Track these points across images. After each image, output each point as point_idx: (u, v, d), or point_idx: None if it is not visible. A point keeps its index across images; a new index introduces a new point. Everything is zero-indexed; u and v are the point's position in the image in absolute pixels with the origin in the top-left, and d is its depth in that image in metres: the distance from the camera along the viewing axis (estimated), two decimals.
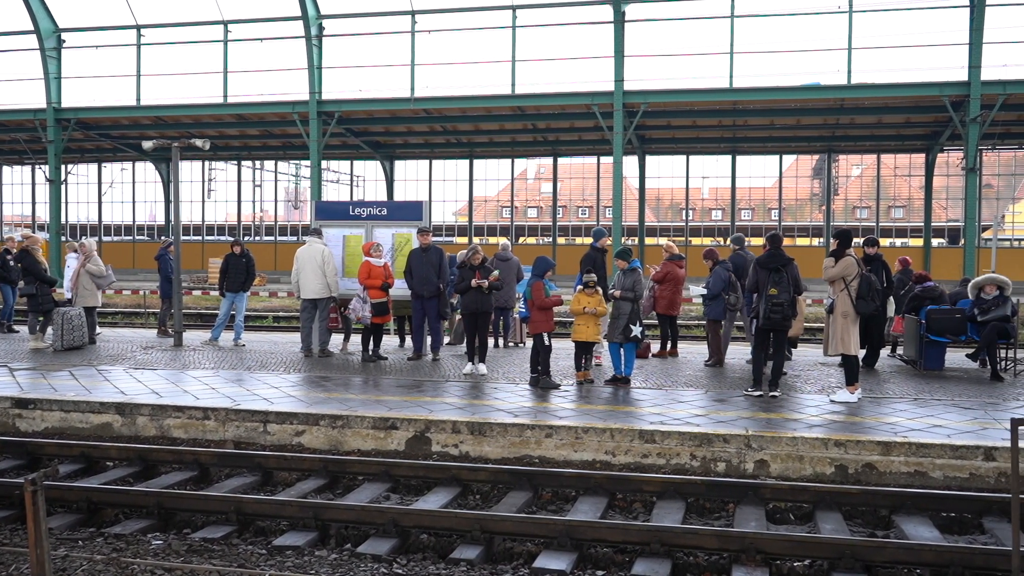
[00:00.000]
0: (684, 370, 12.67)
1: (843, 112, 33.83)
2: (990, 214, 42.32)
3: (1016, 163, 43.52)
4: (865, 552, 6.07)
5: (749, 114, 34.58)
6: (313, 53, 33.47)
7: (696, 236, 46.10)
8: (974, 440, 8.19)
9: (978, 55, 28.96)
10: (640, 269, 11.54)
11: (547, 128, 38.60)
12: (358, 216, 14.77)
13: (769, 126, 36.76)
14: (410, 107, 33.93)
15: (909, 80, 30.52)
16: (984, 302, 12.31)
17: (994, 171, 44.02)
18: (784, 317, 10.30)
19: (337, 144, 40.55)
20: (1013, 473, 4.42)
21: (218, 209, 48.85)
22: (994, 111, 29.04)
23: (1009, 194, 46.73)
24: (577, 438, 8.73)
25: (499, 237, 41.29)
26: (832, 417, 9.30)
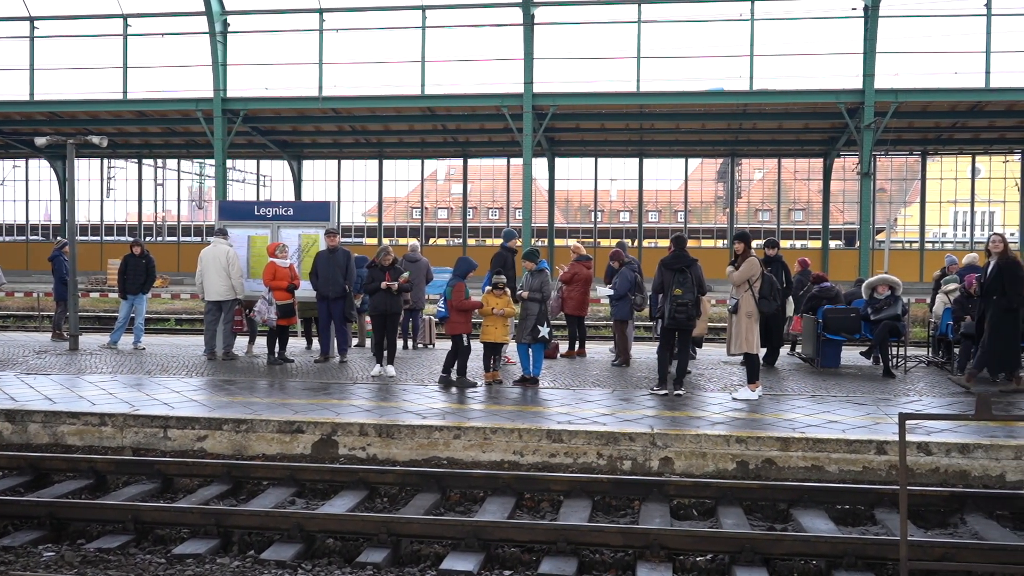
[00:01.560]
0: (592, 370, 12.81)
1: (746, 117, 34.72)
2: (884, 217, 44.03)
3: (908, 168, 45.36)
4: (764, 545, 6.23)
5: (656, 118, 35.18)
6: (218, 50, 32.71)
7: (605, 238, 46.67)
8: (867, 435, 8.50)
9: (872, 64, 30.07)
10: (548, 270, 11.63)
11: (457, 129, 38.58)
12: (264, 216, 14.51)
13: (675, 130, 37.48)
14: (318, 106, 33.47)
15: (808, 87, 31.49)
16: (877, 302, 12.79)
17: (888, 176, 45.78)
18: (688, 317, 10.51)
19: (243, 143, 39.75)
20: (901, 466, 4.60)
21: (118, 208, 47.35)
22: (887, 118, 30.19)
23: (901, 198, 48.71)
24: (486, 439, 8.75)
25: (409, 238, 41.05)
26: (734, 415, 9.54)
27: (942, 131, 37.11)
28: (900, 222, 47.60)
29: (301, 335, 15.90)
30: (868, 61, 30.10)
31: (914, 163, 42.64)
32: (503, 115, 32.14)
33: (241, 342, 14.65)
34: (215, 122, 32.63)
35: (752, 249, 10.77)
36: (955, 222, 45.98)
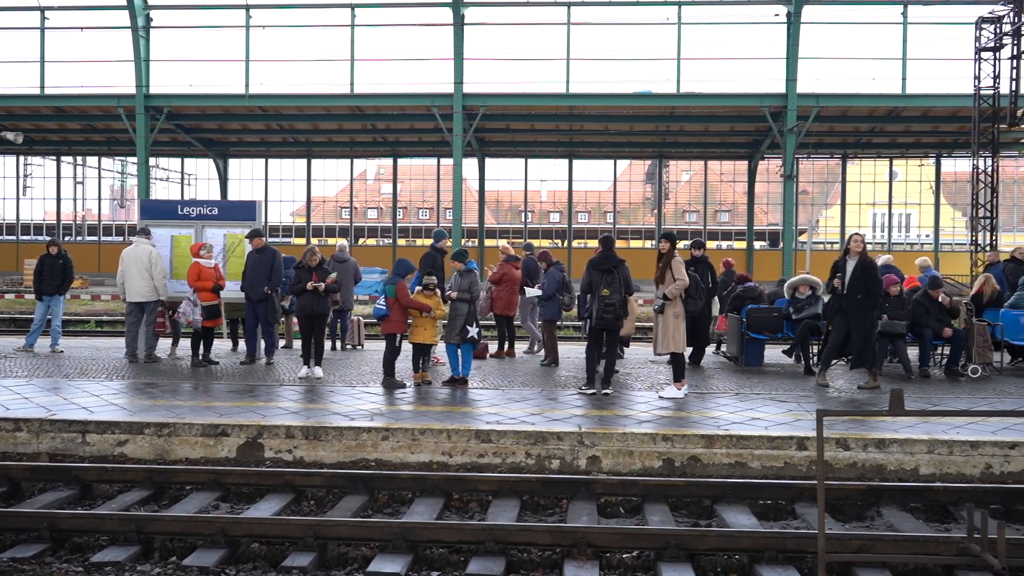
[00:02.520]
0: (521, 370, 12.86)
1: (673, 120, 35.25)
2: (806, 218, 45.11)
3: (829, 171, 46.55)
4: (689, 541, 6.33)
5: (585, 119, 35.50)
6: (140, 45, 31.98)
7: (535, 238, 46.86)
8: (788, 431, 8.70)
9: (794, 69, 30.80)
10: (476, 270, 11.64)
11: (387, 129, 38.39)
12: (187, 216, 14.23)
13: (604, 131, 37.86)
14: (245, 104, 32.97)
15: (733, 91, 32.17)
16: (798, 301, 13.11)
17: (810, 178, 46.92)
18: (616, 317, 10.62)
19: (167, 140, 38.94)
20: (819, 461, 4.73)
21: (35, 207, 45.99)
22: (809, 122, 30.97)
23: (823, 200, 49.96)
24: (414, 440, 8.72)
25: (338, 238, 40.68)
26: (661, 413, 9.67)
27: (861, 135, 38.21)
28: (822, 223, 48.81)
29: (227, 336, 15.63)
30: (790, 66, 30.83)
31: (835, 166, 43.79)
32: (433, 115, 32.08)
33: (164, 344, 14.34)
34: (137, 119, 31.90)
35: (677, 249, 10.92)
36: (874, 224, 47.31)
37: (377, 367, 12.40)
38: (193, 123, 36.93)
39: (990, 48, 28.85)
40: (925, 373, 12.51)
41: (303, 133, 39.73)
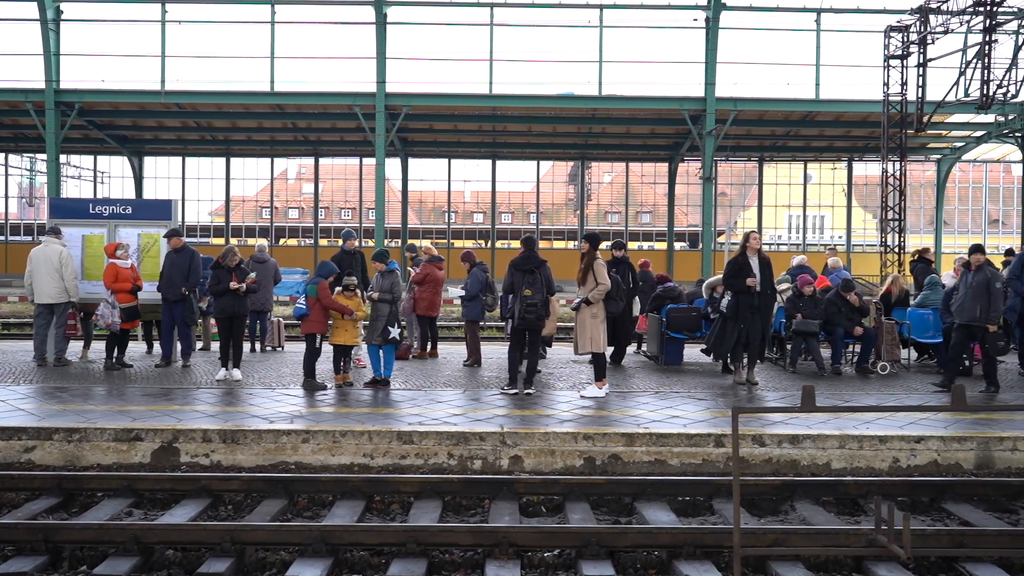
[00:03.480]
0: (444, 371, 12.84)
1: (595, 121, 35.58)
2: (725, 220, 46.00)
3: (746, 174, 47.55)
4: (609, 538, 6.40)
5: (508, 120, 35.58)
6: (50, 38, 30.93)
7: (458, 239, 46.82)
8: (706, 428, 8.86)
9: (712, 73, 31.38)
10: (398, 271, 11.58)
11: (308, 128, 37.89)
12: (99, 215, 13.82)
13: (527, 132, 38.01)
14: (161, 100, 32.18)
15: (654, 94, 32.61)
16: (716, 301, 13.32)
17: (728, 180, 47.86)
18: (538, 317, 10.68)
19: (78, 137, 37.76)
20: (734, 457, 4.82)
21: None
22: (727, 125, 31.60)
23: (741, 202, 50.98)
24: (335, 442, 8.63)
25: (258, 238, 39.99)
26: (582, 412, 9.75)
27: (777, 139, 39.15)
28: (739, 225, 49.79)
29: (142, 339, 15.23)
30: (709, 70, 31.39)
31: (752, 169, 44.74)
32: (355, 114, 31.78)
33: (75, 347, 13.92)
34: (47, 115, 30.85)
35: (598, 250, 11.03)
36: (789, 225, 48.49)
37: (297, 369, 12.24)
38: (106, 119, 35.87)
39: (898, 56, 29.85)
40: (837, 370, 12.87)
41: (222, 131, 38.94)
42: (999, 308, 11.29)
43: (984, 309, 11.13)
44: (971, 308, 11.25)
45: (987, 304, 11.11)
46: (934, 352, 13.77)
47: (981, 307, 11.14)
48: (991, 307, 11.12)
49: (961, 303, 11.44)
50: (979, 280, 11.21)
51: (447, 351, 15.04)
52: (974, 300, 11.20)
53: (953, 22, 28.07)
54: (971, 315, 11.26)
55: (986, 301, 11.11)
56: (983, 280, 11.16)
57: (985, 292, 11.11)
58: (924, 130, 30.56)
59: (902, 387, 11.71)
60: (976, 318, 11.21)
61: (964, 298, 11.38)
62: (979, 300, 11.15)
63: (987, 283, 11.12)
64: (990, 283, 11.11)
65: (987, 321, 11.15)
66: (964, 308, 11.37)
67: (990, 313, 11.13)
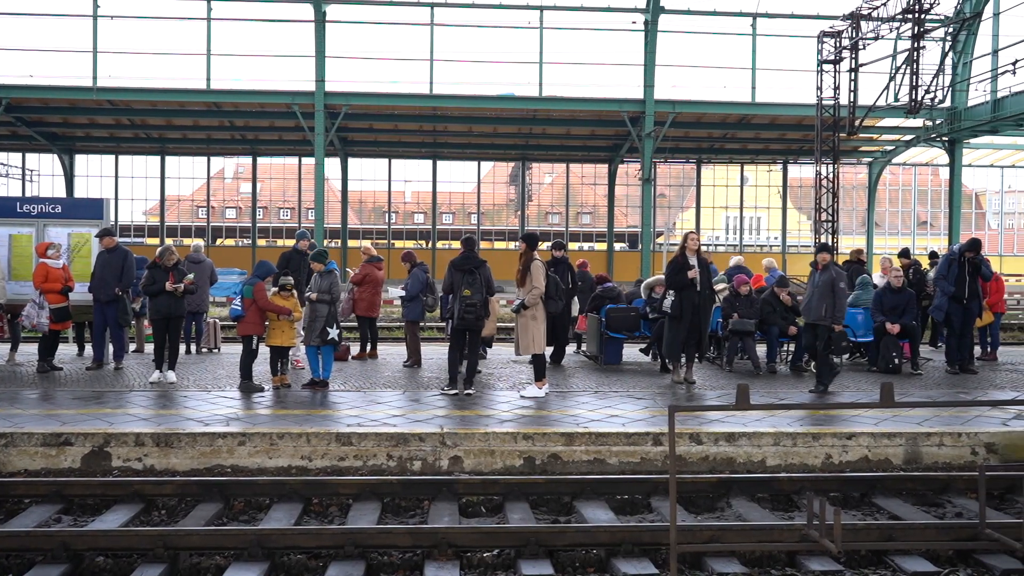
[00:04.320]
0: (383, 372, 12.76)
1: (536, 123, 35.73)
2: (664, 221, 46.53)
3: (685, 175, 48.17)
4: (548, 538, 6.42)
5: (449, 120, 35.55)
6: None
7: (399, 239, 46.62)
8: (645, 427, 8.95)
9: (651, 76, 31.74)
10: (337, 271, 11.49)
11: (246, 126, 37.38)
12: (28, 214, 13.44)
13: (468, 133, 38.00)
14: (92, 97, 31.46)
15: (594, 96, 32.85)
16: (655, 301, 13.48)
17: (667, 182, 48.41)
18: (477, 317, 10.68)
19: (6, 134, 36.74)
20: (671, 455, 4.88)
21: None
22: (665, 127, 31.97)
23: (679, 203, 51.63)
24: (272, 444, 8.52)
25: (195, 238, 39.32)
26: (522, 412, 9.77)
27: (715, 141, 39.73)
28: (678, 226, 50.42)
29: (73, 341, 14.87)
30: (648, 73, 31.75)
31: (690, 170, 45.35)
32: (294, 113, 31.47)
33: (2, 349, 13.53)
34: None
35: (535, 250, 11.07)
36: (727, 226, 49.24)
37: (234, 371, 12.06)
38: (35, 116, 34.94)
39: (831, 61, 30.51)
40: (772, 369, 13.11)
41: (156, 129, 38.21)
42: (843, 308, 11.31)
43: (830, 309, 11.10)
44: (817, 308, 11.23)
45: (832, 304, 11.08)
46: (866, 350, 14.09)
47: (827, 307, 11.11)
48: (836, 307, 11.09)
49: (808, 303, 11.48)
50: (824, 280, 11.18)
51: (387, 352, 14.96)
52: (820, 300, 11.18)
53: (883, 29, 28.80)
54: (817, 315, 11.25)
55: (831, 301, 11.07)
56: (828, 280, 11.13)
57: (830, 292, 11.09)
58: (856, 134, 31.28)
59: (835, 385, 11.92)
60: (822, 317, 11.19)
61: (811, 298, 11.39)
62: (825, 300, 11.13)
63: (832, 283, 11.10)
64: (835, 283, 11.10)
65: (833, 321, 11.13)
66: (811, 308, 11.39)
67: (835, 313, 11.11)
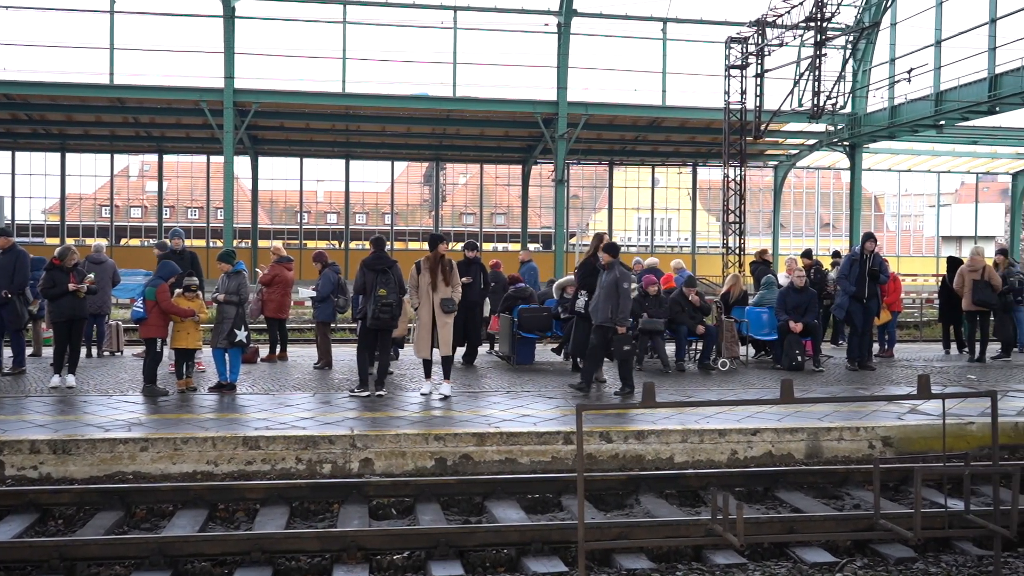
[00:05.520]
0: (293, 374, 12.57)
1: (449, 123, 35.67)
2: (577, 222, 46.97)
3: (597, 177, 48.72)
4: (458, 538, 6.42)
5: (362, 120, 35.22)
6: None
7: (311, 239, 46.00)
8: (556, 427, 9.01)
9: (564, 78, 32.01)
10: (245, 272, 11.27)
11: (152, 123, 36.35)
12: None
13: (381, 132, 37.72)
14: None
15: (507, 97, 32.95)
16: (567, 301, 13.60)
17: (580, 183, 48.89)
18: (392, 317, 10.62)
19: None
20: (578, 453, 4.93)
21: None
22: (578, 129, 32.29)
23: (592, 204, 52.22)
24: (176, 449, 8.30)
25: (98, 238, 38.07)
26: (434, 413, 9.74)
27: (627, 143, 40.29)
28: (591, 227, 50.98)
29: None
30: (561, 75, 32.01)
31: (603, 172, 45.88)
32: (202, 110, 30.75)
33: None
34: None
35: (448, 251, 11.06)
36: (639, 227, 50.01)
37: (136, 374, 11.71)
38: None
39: (738, 66, 31.26)
40: (681, 367, 13.36)
41: (56, 125, 36.87)
42: (627, 309, 10.78)
43: (614, 310, 10.64)
44: (603, 309, 10.73)
45: (616, 305, 10.63)
46: (770, 348, 14.47)
47: (612, 308, 10.65)
48: (619, 308, 10.63)
49: (595, 304, 10.99)
50: (610, 280, 10.72)
51: (297, 354, 14.74)
52: (606, 301, 10.71)
53: (787, 36, 29.66)
54: (604, 316, 10.75)
55: (616, 302, 10.63)
56: (613, 280, 10.68)
57: (615, 292, 10.64)
58: (762, 137, 32.13)
59: (740, 382, 12.24)
60: (608, 319, 10.71)
61: (597, 299, 10.91)
62: (610, 300, 10.67)
63: (616, 283, 10.65)
64: (619, 283, 10.65)
65: (616, 322, 10.69)
66: (597, 309, 10.88)
67: (619, 314, 10.64)
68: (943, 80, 29.95)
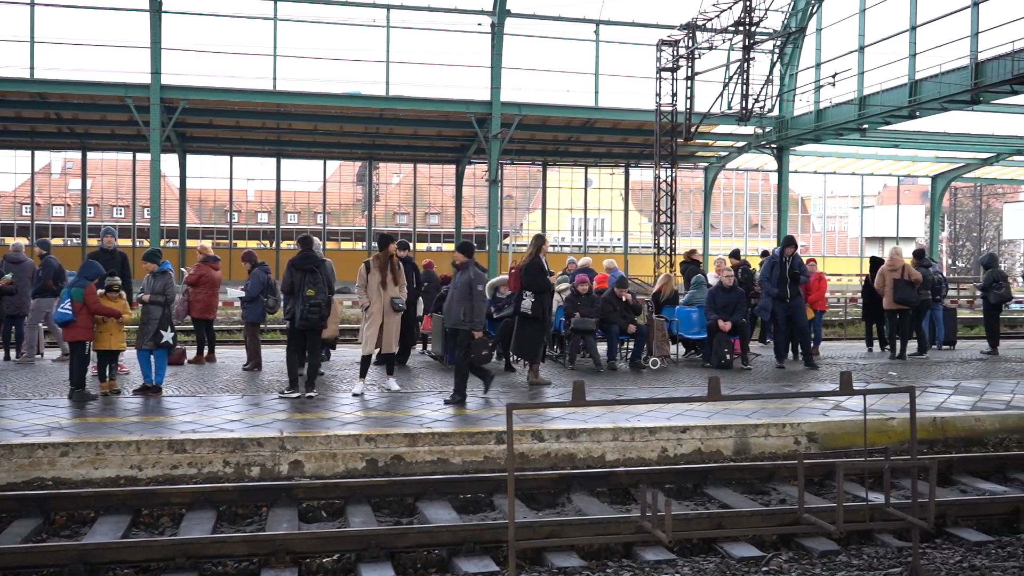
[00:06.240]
0: (222, 376, 12.35)
1: (383, 122, 35.42)
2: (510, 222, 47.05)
3: (531, 177, 48.88)
4: (389, 540, 6.37)
5: (293, 118, 34.78)
6: None
7: (241, 239, 45.29)
8: (488, 426, 9.01)
9: (498, 78, 32.04)
10: (171, 271, 11.03)
11: (75, 119, 35.36)
12: None
13: (313, 131, 37.28)
14: None
15: (441, 96, 32.84)
16: (499, 300, 13.63)
17: (514, 183, 49.00)
18: (321, 317, 10.51)
19: None
20: (508, 452, 4.93)
21: None
22: (512, 129, 32.35)
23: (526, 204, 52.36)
24: (99, 454, 8.08)
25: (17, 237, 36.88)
26: (365, 414, 9.66)
27: (560, 144, 40.48)
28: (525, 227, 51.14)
29: None
30: (495, 75, 32.03)
31: (536, 172, 46.05)
32: (128, 106, 30.00)
33: None
34: None
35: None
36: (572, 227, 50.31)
37: (57, 377, 11.41)
38: None
39: (669, 69, 31.65)
40: (612, 366, 13.47)
41: None
42: (482, 312, 10.33)
43: (468, 312, 10.18)
44: (456, 311, 10.30)
45: (471, 307, 10.17)
46: (700, 347, 14.67)
47: (465, 310, 10.20)
48: (474, 311, 10.17)
49: (447, 305, 10.64)
50: (464, 281, 10.28)
51: (226, 355, 14.50)
52: (459, 302, 10.27)
53: (717, 39, 30.12)
54: (456, 318, 10.31)
55: (470, 304, 10.16)
56: (467, 281, 10.23)
57: (468, 294, 10.18)
58: (692, 139, 32.60)
59: (671, 380, 12.40)
60: (461, 321, 10.25)
61: (451, 300, 10.50)
62: (463, 303, 10.21)
63: (470, 284, 10.20)
64: (473, 284, 10.19)
65: (471, 326, 10.20)
66: (450, 311, 10.46)
67: (473, 317, 10.17)
68: (866, 85, 30.73)
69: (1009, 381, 12.65)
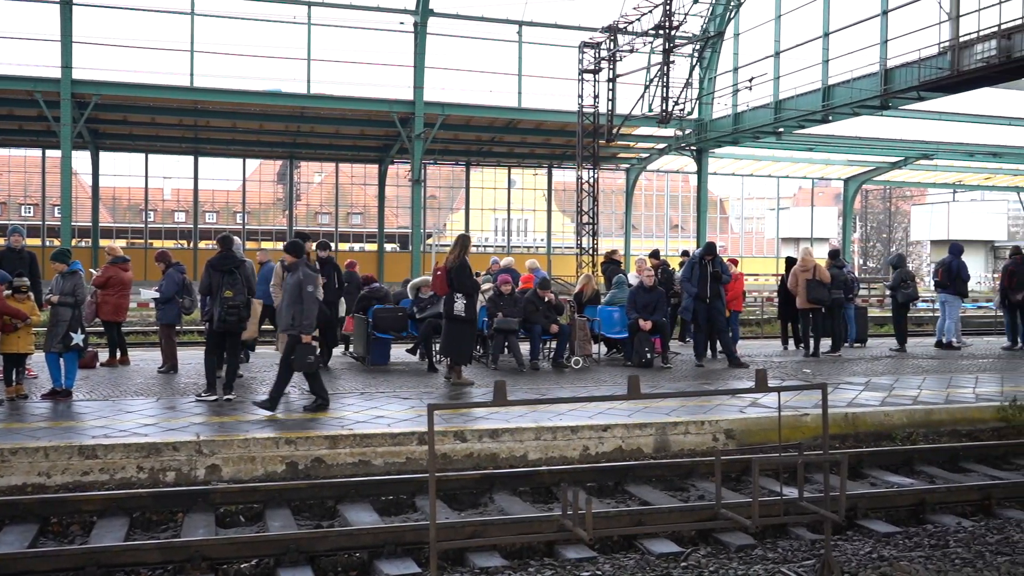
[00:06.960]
0: (135, 379, 12.02)
1: (304, 120, 34.95)
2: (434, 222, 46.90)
3: (455, 177, 48.80)
4: (309, 544, 6.28)
5: (211, 115, 34.08)
6: None
7: (157, 238, 44.19)
8: (410, 427, 8.96)
9: (421, 78, 31.91)
10: (81, 272, 10.70)
11: None
12: None
13: (232, 129, 36.60)
14: None
15: (363, 95, 32.55)
16: (422, 301, 13.58)
17: (437, 183, 48.88)
18: (240, 319, 10.31)
19: None
20: (430, 453, 4.90)
21: None
22: (435, 129, 32.25)
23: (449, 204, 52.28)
24: (3, 461, 7.79)
25: None
26: (285, 416, 9.51)
27: (483, 144, 40.51)
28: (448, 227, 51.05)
29: None
30: (418, 75, 31.90)
31: (460, 172, 45.97)
32: (37, 101, 29.00)
33: None
34: None
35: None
36: (495, 228, 50.37)
37: None
38: None
39: (591, 70, 31.91)
40: (535, 366, 13.53)
41: None
42: (312, 315, 9.68)
43: (298, 316, 9.60)
44: (286, 315, 9.73)
45: (300, 311, 9.59)
46: (622, 346, 14.84)
47: (295, 314, 9.62)
48: (304, 314, 9.59)
49: (279, 309, 10.25)
50: (293, 282, 9.72)
51: (141, 358, 14.13)
52: (289, 306, 9.69)
53: (638, 43, 30.50)
54: (286, 323, 9.74)
55: (300, 308, 9.60)
56: (296, 282, 9.67)
57: (298, 297, 9.62)
58: (614, 141, 32.94)
59: (593, 379, 12.51)
60: (291, 326, 9.66)
61: (281, 303, 10.05)
62: (294, 306, 9.64)
63: (299, 286, 9.65)
64: (303, 286, 9.64)
65: (300, 330, 9.60)
66: (281, 314, 9.99)
67: (303, 321, 9.59)
68: (782, 89, 31.49)
69: (916, 377, 13.10)
